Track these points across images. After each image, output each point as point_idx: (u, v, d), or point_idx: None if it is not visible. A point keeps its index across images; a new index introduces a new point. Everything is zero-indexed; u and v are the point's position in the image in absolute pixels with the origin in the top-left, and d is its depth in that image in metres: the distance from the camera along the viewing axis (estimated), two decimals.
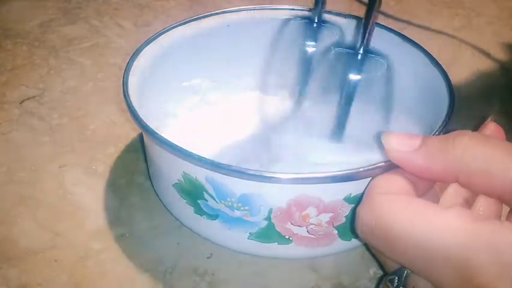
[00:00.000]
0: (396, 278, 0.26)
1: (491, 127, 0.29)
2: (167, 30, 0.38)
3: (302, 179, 0.27)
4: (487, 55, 0.54)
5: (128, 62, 0.35)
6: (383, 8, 0.61)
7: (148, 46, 0.36)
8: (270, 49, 0.40)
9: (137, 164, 0.41)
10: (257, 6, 0.40)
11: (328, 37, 0.37)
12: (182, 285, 0.33)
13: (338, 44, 0.36)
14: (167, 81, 0.39)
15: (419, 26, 0.58)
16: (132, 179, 0.40)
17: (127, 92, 0.32)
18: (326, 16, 0.38)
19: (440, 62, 0.35)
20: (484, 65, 0.53)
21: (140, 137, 0.42)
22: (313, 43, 0.38)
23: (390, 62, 0.32)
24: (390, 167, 0.27)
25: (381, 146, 0.27)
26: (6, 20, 0.58)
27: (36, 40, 0.55)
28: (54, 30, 0.57)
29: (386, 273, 0.28)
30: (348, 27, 0.39)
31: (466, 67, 0.52)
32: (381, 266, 0.33)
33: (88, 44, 0.55)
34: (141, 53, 0.36)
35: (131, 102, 0.32)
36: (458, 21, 0.60)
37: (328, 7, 0.38)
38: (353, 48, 0.32)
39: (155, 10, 0.60)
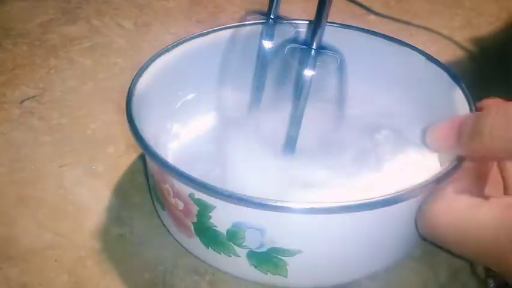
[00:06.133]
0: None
1: (488, 102, 0.31)
2: (166, 52, 0.37)
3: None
4: (487, 55, 0.54)
5: (130, 86, 0.34)
6: (383, 8, 0.61)
7: (147, 69, 0.36)
8: (224, 57, 0.40)
9: (137, 164, 0.41)
10: (252, 22, 0.40)
11: (284, 36, 0.37)
12: (182, 285, 0.33)
13: (291, 41, 0.35)
14: (164, 98, 0.38)
15: (419, 26, 0.58)
16: (132, 179, 0.40)
17: (131, 115, 0.31)
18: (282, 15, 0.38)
19: (460, 78, 0.35)
20: (484, 65, 0.53)
21: None
22: (269, 42, 0.37)
23: (343, 57, 0.32)
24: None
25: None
26: (7, 20, 0.58)
27: (36, 40, 0.55)
28: (54, 30, 0.57)
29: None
30: (304, 25, 0.39)
31: (465, 67, 0.52)
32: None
33: (88, 43, 0.55)
34: (142, 75, 0.35)
35: (136, 126, 0.31)
36: (458, 21, 0.60)
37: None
38: (306, 44, 0.32)
39: (155, 10, 0.60)
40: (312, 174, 0.33)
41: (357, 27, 0.39)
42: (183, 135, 0.39)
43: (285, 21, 0.37)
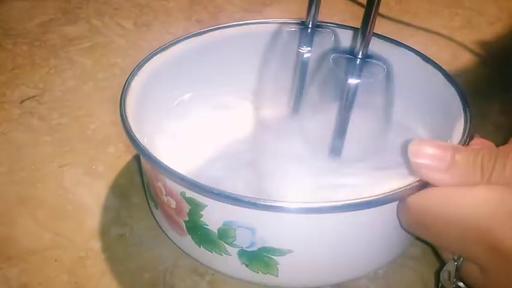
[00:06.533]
0: (448, 272, 0.27)
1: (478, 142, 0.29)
2: (160, 51, 0.37)
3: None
4: (487, 55, 0.54)
5: (124, 85, 0.34)
6: (383, 9, 0.61)
7: (143, 67, 0.36)
8: (264, 59, 0.39)
9: (137, 163, 0.41)
10: (249, 21, 0.40)
11: (323, 42, 0.36)
12: (182, 285, 0.33)
13: (334, 49, 0.34)
14: (160, 97, 0.38)
15: (419, 27, 0.58)
16: (132, 179, 0.40)
17: (125, 116, 0.31)
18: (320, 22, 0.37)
19: (454, 78, 0.34)
20: (484, 65, 0.53)
21: None
22: (308, 48, 0.37)
23: (390, 66, 0.31)
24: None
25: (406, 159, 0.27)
26: (7, 20, 0.58)
27: (36, 40, 0.55)
28: (54, 30, 0.57)
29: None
30: (343, 32, 0.38)
31: (465, 67, 0.52)
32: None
33: (88, 43, 0.55)
34: (137, 74, 0.35)
35: (129, 125, 0.31)
36: (458, 21, 0.60)
37: (325, 9, 0.37)
38: (351, 53, 0.31)
39: (155, 10, 0.60)
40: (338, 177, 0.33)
41: (353, 27, 0.39)
42: (179, 134, 0.39)
43: (324, 29, 0.36)
